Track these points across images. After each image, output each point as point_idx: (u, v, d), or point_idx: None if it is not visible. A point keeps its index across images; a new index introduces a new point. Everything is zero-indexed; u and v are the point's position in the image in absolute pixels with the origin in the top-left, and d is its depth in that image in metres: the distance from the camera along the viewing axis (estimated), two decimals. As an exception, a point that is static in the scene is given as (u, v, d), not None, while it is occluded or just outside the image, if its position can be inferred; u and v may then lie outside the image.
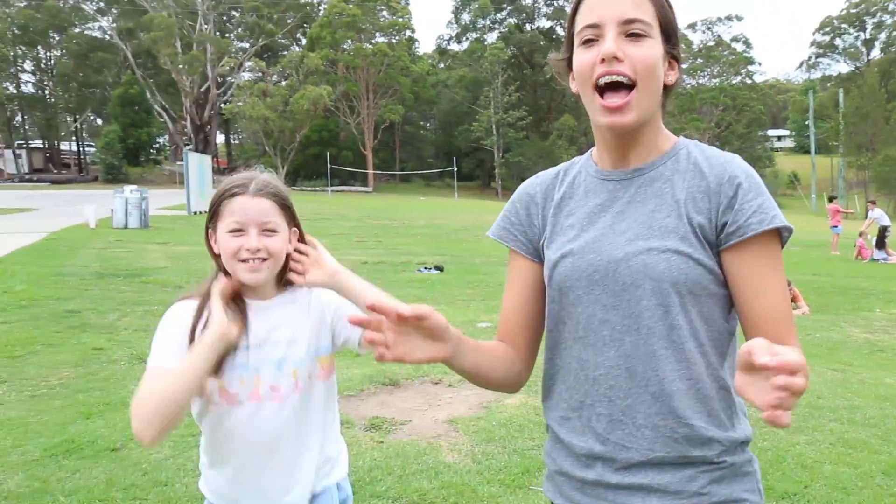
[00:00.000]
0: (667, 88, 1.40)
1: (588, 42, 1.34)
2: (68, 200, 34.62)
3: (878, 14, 77.81)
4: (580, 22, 1.36)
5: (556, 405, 1.50)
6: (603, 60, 1.31)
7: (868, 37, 79.67)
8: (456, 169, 63.26)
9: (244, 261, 1.75)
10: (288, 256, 1.85)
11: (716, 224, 1.33)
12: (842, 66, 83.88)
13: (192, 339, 1.71)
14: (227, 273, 1.81)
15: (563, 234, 1.46)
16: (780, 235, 1.33)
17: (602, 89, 1.34)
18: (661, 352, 1.34)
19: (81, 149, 72.23)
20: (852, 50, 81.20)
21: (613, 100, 1.32)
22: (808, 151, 70.81)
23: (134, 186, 23.81)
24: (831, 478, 4.18)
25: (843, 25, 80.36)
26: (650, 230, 1.35)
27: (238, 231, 1.75)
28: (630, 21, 1.31)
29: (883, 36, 78.07)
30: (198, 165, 31.50)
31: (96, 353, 6.65)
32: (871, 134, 60.73)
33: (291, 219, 1.85)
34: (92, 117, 74.28)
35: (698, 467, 1.35)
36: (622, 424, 1.37)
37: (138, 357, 6.46)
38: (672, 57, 1.39)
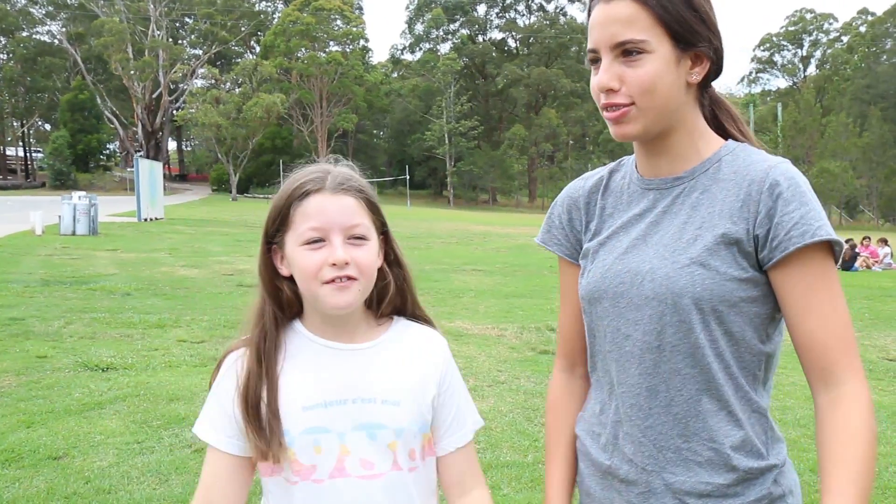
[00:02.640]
0: (700, 86, 1.32)
1: (594, 63, 1.29)
2: (14, 207, 33.67)
3: (815, 33, 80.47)
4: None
5: (588, 417, 1.44)
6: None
7: (805, 54, 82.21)
8: (408, 177, 63.29)
9: (330, 281, 1.28)
10: (382, 277, 1.40)
11: (752, 235, 1.23)
12: (780, 82, 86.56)
13: (245, 400, 1.30)
14: (279, 306, 1.36)
15: (599, 242, 1.39)
16: (831, 249, 1.21)
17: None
18: (686, 371, 1.26)
19: (29, 154, 70.39)
20: (790, 66, 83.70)
21: (611, 111, 1.27)
22: (748, 163, 72.49)
23: (83, 193, 23.23)
24: (762, 476, 4.29)
25: (782, 42, 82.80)
26: (678, 242, 1.28)
27: (317, 242, 1.28)
28: (620, 44, 1.23)
29: (818, 53, 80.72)
30: (149, 172, 30.92)
31: (40, 361, 6.48)
32: (808, 147, 62.49)
33: (381, 225, 1.38)
34: (40, 122, 72.45)
35: (728, 500, 1.26)
36: (643, 446, 1.30)
37: (84, 365, 6.32)
38: (696, 53, 1.27)
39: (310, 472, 1.29)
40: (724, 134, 1.38)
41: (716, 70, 1.31)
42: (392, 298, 1.42)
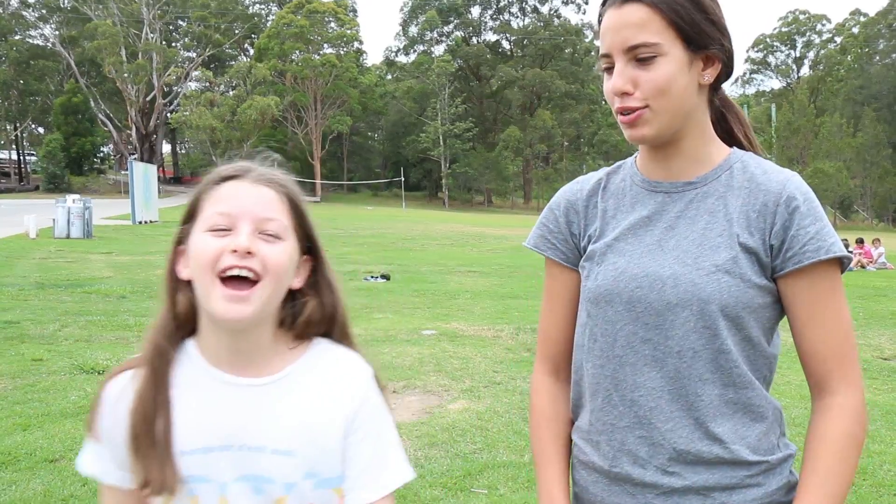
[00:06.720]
0: (711, 88, 1.33)
1: (607, 69, 1.31)
2: (7, 210, 33.59)
3: (808, 34, 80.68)
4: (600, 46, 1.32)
5: (581, 426, 1.43)
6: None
7: (798, 55, 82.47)
8: (403, 179, 63.26)
9: (224, 277, 1.06)
10: (300, 298, 1.18)
11: (768, 245, 1.27)
12: (774, 83, 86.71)
13: (136, 427, 1.11)
14: (174, 319, 1.15)
15: (607, 244, 1.37)
16: (840, 263, 1.27)
17: None
18: (708, 376, 1.28)
19: (22, 157, 70.18)
20: (783, 67, 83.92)
21: (625, 114, 1.28)
22: (742, 164, 72.76)
23: (77, 196, 23.23)
24: (758, 475, 4.30)
25: (776, 43, 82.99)
26: (700, 248, 1.28)
27: (223, 230, 1.08)
28: (633, 48, 1.24)
29: (811, 54, 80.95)
30: (143, 175, 30.89)
31: (35, 364, 6.48)
32: (802, 147, 62.64)
33: (304, 234, 1.17)
34: (33, 126, 72.25)
35: (752, 490, 1.30)
36: (662, 449, 1.30)
37: (79, 367, 6.32)
38: (707, 55, 1.29)
39: None
40: (731, 137, 1.41)
41: (726, 72, 1.33)
42: (313, 320, 1.19)
